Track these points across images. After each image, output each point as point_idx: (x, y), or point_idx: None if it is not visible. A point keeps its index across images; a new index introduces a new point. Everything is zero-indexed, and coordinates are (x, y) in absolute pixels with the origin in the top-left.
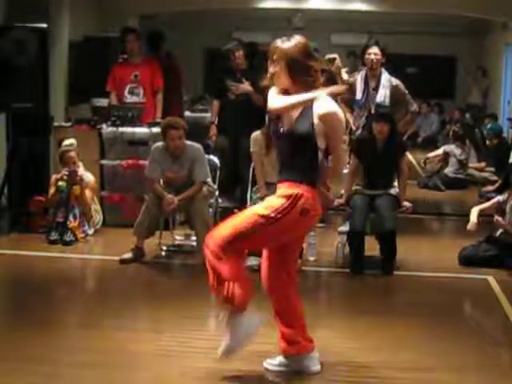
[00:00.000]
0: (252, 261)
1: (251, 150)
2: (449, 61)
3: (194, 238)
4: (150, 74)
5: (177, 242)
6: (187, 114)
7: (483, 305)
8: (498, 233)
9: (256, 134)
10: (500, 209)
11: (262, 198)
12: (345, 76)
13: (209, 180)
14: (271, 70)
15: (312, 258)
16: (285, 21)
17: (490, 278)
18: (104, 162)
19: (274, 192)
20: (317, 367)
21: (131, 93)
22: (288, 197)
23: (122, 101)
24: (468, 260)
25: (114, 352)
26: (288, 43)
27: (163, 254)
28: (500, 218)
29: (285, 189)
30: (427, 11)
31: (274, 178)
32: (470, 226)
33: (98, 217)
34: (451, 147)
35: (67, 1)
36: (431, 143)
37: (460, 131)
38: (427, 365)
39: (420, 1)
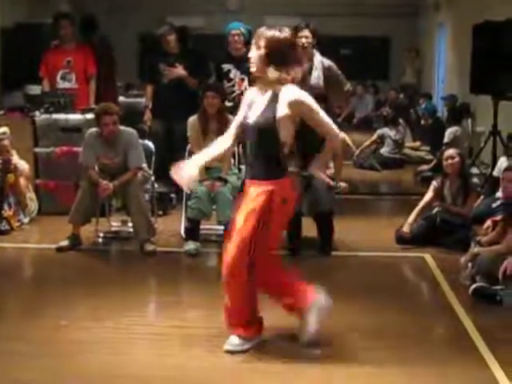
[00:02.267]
0: (190, 245)
1: (188, 134)
2: (382, 41)
3: (130, 224)
4: (83, 59)
5: (113, 229)
6: (121, 99)
7: (420, 282)
8: (434, 211)
9: (193, 119)
10: (439, 194)
11: (199, 182)
12: None
13: (144, 165)
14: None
15: None
16: (219, 4)
17: (427, 256)
18: (38, 149)
19: (212, 176)
20: None
21: (63, 78)
22: (262, 193)
23: (54, 87)
24: (405, 239)
25: (52, 341)
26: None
27: (100, 240)
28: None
29: (257, 188)
30: None
31: (213, 162)
32: (405, 228)
33: (33, 205)
34: (384, 130)
35: None
36: (366, 124)
37: (390, 114)
38: (365, 343)
39: None
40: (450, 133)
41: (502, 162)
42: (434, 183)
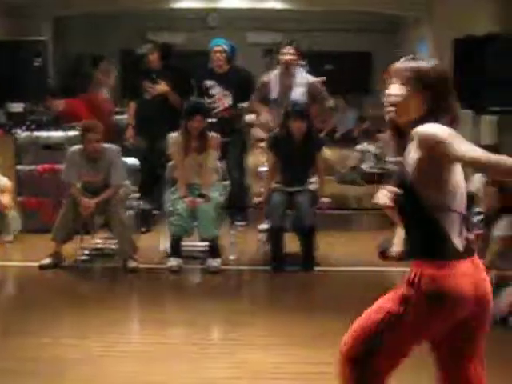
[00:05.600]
0: (172, 261)
1: (169, 151)
2: (364, 56)
3: (113, 240)
4: None
5: (97, 246)
6: None
7: None
8: None
9: (174, 136)
10: None
11: (181, 198)
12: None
13: (126, 182)
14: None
15: (233, 257)
16: (200, 21)
17: (409, 270)
18: (20, 167)
19: (194, 193)
20: None
21: None
22: (407, 282)
23: None
24: (387, 253)
25: (36, 359)
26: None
27: (84, 258)
28: None
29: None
30: (340, 8)
31: (194, 178)
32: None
33: (15, 223)
34: (364, 145)
35: None
36: (349, 139)
37: (370, 128)
38: None
39: None
40: None
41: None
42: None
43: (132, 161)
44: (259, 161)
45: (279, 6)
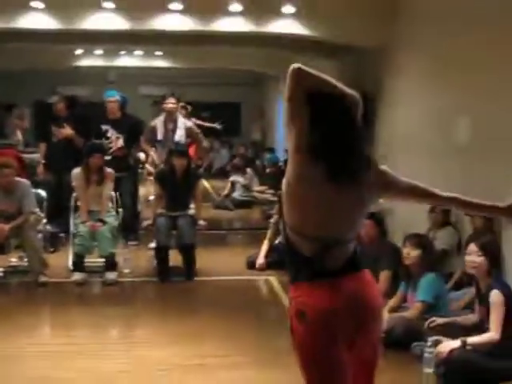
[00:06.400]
0: (77, 276)
1: (73, 183)
2: (235, 106)
3: (26, 259)
4: None
5: (12, 264)
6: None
7: (266, 300)
8: (277, 242)
9: (76, 172)
10: (277, 228)
11: (83, 223)
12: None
13: (36, 210)
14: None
15: (127, 271)
16: (100, 76)
17: (272, 278)
18: None
19: (94, 218)
20: None
21: None
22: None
23: None
24: (254, 264)
25: None
26: None
27: (0, 274)
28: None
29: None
30: (214, 66)
31: (94, 206)
32: (261, 261)
33: None
34: (234, 177)
35: None
36: (223, 173)
37: (239, 163)
38: (223, 352)
39: (208, 59)
40: None
41: None
42: (272, 220)
43: (40, 192)
44: (150, 191)
45: (166, 64)
